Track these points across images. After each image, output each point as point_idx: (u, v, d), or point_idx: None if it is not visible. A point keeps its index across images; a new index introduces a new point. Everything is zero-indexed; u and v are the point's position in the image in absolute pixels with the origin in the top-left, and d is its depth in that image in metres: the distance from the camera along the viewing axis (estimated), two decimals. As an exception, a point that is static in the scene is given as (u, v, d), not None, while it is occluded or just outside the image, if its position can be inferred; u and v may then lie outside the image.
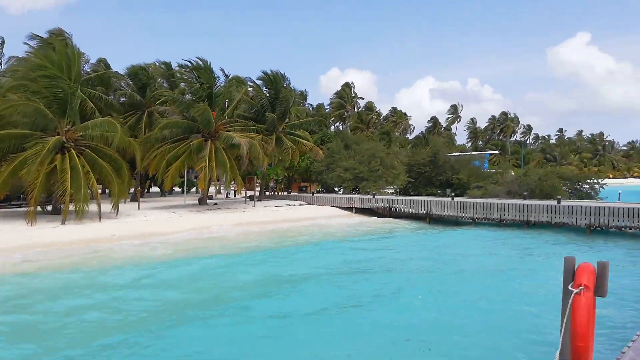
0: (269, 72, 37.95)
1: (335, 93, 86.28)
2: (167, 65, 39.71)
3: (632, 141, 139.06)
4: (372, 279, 14.79)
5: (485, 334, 9.47)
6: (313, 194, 39.36)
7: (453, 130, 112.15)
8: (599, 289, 3.29)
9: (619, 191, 35.18)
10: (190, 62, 33.19)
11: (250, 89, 40.39)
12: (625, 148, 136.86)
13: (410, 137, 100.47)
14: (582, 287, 3.14)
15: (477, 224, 28.39)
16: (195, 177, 45.05)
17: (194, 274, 14.78)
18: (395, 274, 15.56)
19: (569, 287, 3.21)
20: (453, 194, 32.74)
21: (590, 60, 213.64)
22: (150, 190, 50.21)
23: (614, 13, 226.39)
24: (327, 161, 41.27)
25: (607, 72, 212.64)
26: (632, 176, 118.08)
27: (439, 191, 38.97)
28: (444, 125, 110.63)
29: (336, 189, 44.94)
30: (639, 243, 21.46)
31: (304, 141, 38.53)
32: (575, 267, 3.38)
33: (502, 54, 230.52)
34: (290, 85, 40.95)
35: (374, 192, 36.51)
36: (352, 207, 34.64)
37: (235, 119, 36.06)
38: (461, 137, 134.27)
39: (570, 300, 3.14)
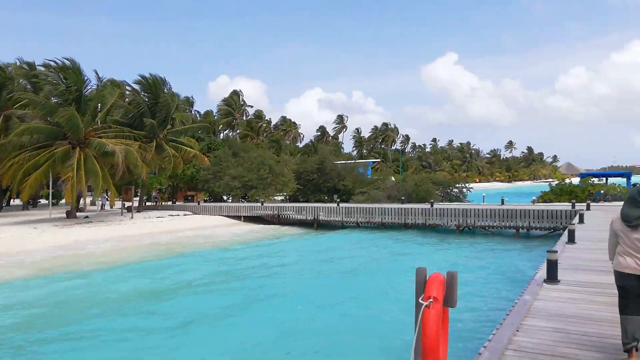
0: (148, 75, 35.76)
1: (223, 100, 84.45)
2: (30, 65, 35.44)
3: (494, 149, 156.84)
4: (250, 286, 14.35)
5: (357, 338, 9.49)
6: (199, 203, 37.76)
7: (340, 139, 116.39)
8: (449, 299, 3.23)
9: (483, 194, 38.96)
10: (55, 61, 29.91)
11: (128, 93, 37.65)
12: (488, 156, 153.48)
13: (300, 145, 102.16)
14: (431, 300, 3.03)
15: (361, 227, 29.40)
16: (65, 188, 40.70)
17: (47, 295, 13.01)
18: (274, 280, 15.35)
19: (419, 300, 3.09)
20: (339, 199, 33.61)
21: (457, 78, 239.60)
22: (11, 203, 44.37)
23: (476, 36, 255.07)
24: (215, 169, 39.94)
25: (471, 89, 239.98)
26: (494, 180, 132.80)
27: (326, 197, 39.81)
28: (331, 134, 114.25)
29: (225, 198, 43.71)
30: (499, 241, 23.74)
31: (188, 148, 36.84)
32: (427, 277, 3.30)
33: (384, 70, 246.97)
34: (172, 90, 39.09)
35: (262, 199, 36.10)
36: (241, 216, 33.87)
37: (109, 124, 33.26)
38: (347, 145, 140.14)
39: (420, 314, 3.01)
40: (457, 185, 40.35)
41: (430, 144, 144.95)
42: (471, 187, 41.48)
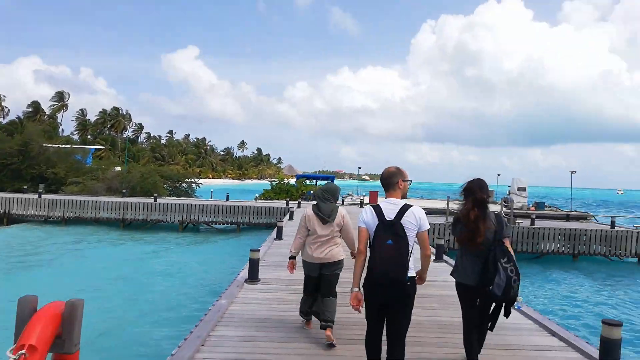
0: None
1: None
2: None
3: (228, 147, 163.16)
4: None
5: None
6: None
7: (59, 120, 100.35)
8: (65, 343, 2.18)
9: (212, 190, 39.33)
10: None
11: None
12: (222, 153, 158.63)
13: (4, 121, 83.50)
14: (23, 352, 1.92)
15: (69, 223, 25.34)
16: None
17: None
18: None
19: (8, 352, 1.95)
20: (41, 190, 28.29)
21: (197, 72, 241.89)
22: None
23: (219, 37, 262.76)
24: None
25: (211, 85, 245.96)
26: (226, 177, 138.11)
27: (25, 187, 33.12)
28: (47, 113, 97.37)
29: None
30: (219, 237, 23.96)
31: None
32: (37, 311, 2.18)
33: (120, 49, 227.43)
34: None
35: None
36: None
37: None
38: (68, 128, 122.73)
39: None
40: (187, 180, 39.55)
41: (167, 136, 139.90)
42: (201, 183, 41.32)
